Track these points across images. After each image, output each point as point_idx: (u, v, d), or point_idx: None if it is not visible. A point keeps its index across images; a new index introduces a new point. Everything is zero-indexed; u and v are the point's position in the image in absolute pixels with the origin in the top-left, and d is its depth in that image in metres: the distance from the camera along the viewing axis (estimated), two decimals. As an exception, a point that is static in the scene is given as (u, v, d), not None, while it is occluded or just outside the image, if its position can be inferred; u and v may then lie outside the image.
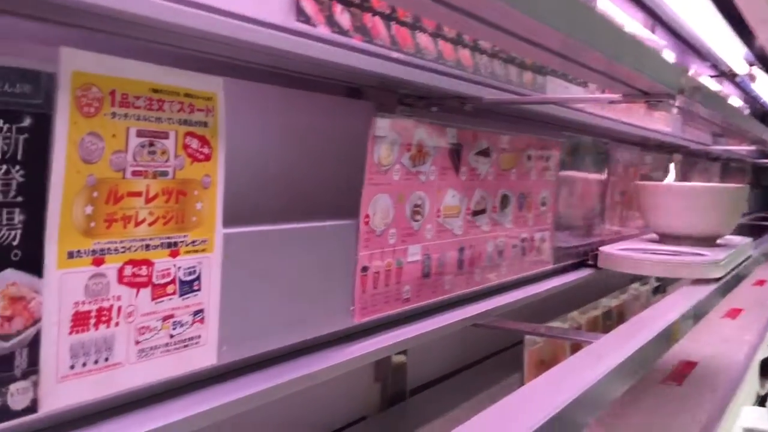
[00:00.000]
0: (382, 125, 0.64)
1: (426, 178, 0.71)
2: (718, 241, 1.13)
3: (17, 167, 0.37)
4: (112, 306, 0.43)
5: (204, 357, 0.49)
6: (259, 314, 0.54)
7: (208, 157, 0.48)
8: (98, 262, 0.42)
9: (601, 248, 1.08)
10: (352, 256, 0.62)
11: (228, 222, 0.49)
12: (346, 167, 0.65)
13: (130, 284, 0.44)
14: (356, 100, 0.70)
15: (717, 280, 0.96)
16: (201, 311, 0.49)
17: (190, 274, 0.48)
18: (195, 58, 0.50)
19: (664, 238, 1.13)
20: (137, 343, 0.45)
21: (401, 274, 0.69)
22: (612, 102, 0.91)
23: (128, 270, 0.44)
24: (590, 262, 1.09)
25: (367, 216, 0.63)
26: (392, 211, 0.66)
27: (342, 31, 0.57)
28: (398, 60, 0.63)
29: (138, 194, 0.43)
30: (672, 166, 1.56)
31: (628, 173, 1.28)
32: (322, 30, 0.55)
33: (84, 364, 0.42)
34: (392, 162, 0.65)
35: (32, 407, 0.39)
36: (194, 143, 0.47)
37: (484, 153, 0.80)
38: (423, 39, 0.67)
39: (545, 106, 0.90)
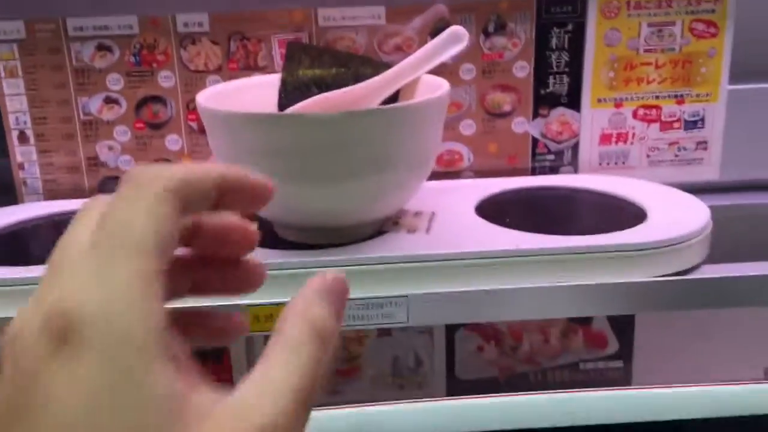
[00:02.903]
0: None
1: None
2: None
3: (564, 52, 0.68)
4: (628, 132, 0.71)
5: (705, 173, 0.72)
6: (760, 149, 0.71)
7: (714, 35, 0.68)
8: (618, 106, 0.70)
9: None
10: None
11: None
12: None
13: (643, 120, 0.71)
14: None
15: None
16: (704, 142, 0.71)
17: (694, 116, 0.71)
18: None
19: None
20: (647, 156, 0.72)
21: None
22: None
23: (641, 111, 0.70)
24: None
25: None
26: None
27: None
28: None
29: (648, 64, 0.69)
30: None
31: None
32: None
33: (608, 163, 0.72)
34: None
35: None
36: (700, 26, 0.68)
37: None
38: None
39: None
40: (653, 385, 0.40)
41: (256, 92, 0.60)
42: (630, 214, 0.58)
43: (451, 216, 0.59)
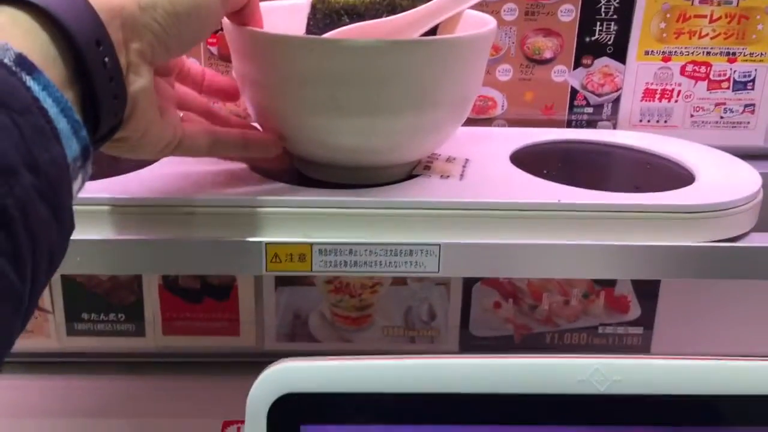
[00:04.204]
0: None
1: None
2: None
3: (615, -2, 0.64)
4: (673, 89, 0.67)
5: (750, 138, 0.68)
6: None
7: (775, -10, 0.63)
8: (666, 59, 0.66)
9: None
10: None
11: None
12: None
13: (690, 77, 0.66)
14: None
15: None
16: (752, 105, 0.67)
17: (744, 76, 0.66)
18: None
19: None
20: (691, 116, 0.68)
21: None
22: None
23: (689, 67, 0.66)
24: None
25: None
26: None
27: None
28: None
29: (703, 16, 0.64)
30: None
31: None
32: None
33: (648, 121, 0.68)
34: None
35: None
36: (761, -21, 0.63)
37: None
38: None
39: None
40: (689, 356, 0.38)
41: (283, 17, 0.55)
42: (677, 176, 0.55)
43: (486, 164, 0.55)
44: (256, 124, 0.54)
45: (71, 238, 0.31)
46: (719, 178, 0.54)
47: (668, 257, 0.49)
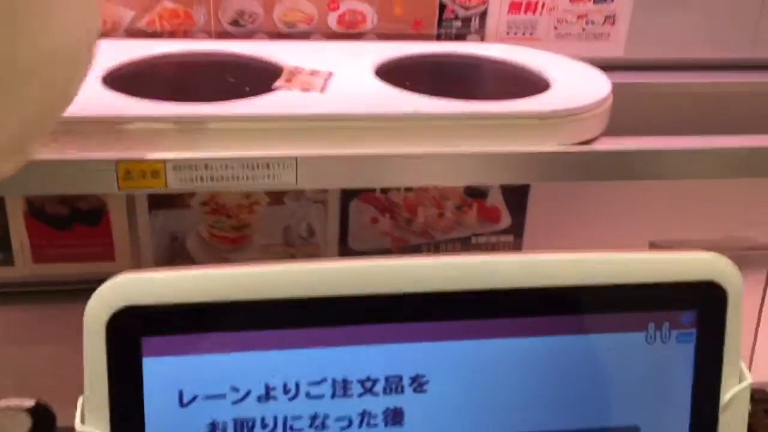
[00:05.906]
0: None
1: None
2: None
3: None
4: (538, 2, 0.68)
5: (611, 49, 0.71)
6: (668, 26, 0.70)
7: None
8: (530, -29, 0.67)
9: None
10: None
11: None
12: None
13: (553, -11, 0.68)
14: None
15: None
16: (612, 16, 0.69)
17: (605, -11, 0.68)
18: None
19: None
20: (555, 28, 0.69)
21: None
22: None
23: (552, -21, 0.67)
24: None
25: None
26: None
27: None
28: None
29: (564, -73, 0.65)
30: None
31: None
32: None
33: (515, 33, 0.69)
34: None
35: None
36: None
37: None
38: None
39: None
40: (538, 251, 0.40)
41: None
42: (533, 85, 0.56)
43: (350, 77, 0.55)
44: None
45: None
46: (572, 85, 0.56)
47: (525, 162, 0.51)
